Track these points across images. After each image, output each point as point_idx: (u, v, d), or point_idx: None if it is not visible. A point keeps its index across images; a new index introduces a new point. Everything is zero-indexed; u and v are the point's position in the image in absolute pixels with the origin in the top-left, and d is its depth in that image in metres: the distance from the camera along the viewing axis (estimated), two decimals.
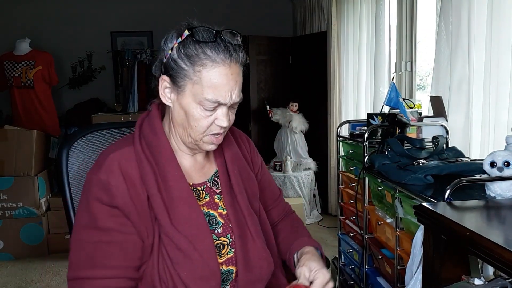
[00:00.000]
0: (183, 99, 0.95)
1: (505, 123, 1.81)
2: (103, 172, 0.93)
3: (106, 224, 0.91)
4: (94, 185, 0.93)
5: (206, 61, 0.92)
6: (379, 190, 1.90)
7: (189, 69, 0.93)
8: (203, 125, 0.96)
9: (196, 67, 0.92)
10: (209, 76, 0.92)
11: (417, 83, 2.90)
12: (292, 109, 4.05)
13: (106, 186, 0.92)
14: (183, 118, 0.97)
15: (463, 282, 0.97)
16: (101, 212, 0.92)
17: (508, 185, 1.20)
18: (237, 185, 1.06)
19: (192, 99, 0.94)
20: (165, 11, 5.18)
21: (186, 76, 0.93)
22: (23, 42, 4.03)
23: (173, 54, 0.94)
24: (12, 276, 3.07)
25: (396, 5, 2.87)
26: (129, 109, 4.85)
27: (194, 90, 0.93)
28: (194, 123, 0.96)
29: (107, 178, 0.92)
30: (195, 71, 0.92)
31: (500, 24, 1.81)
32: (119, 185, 0.92)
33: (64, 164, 1.12)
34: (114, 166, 0.94)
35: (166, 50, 0.96)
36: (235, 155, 1.10)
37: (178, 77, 0.94)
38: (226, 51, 0.93)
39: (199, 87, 0.92)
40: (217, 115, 0.96)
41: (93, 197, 0.93)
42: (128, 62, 4.97)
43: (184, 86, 0.94)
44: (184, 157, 1.04)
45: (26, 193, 3.32)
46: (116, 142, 1.04)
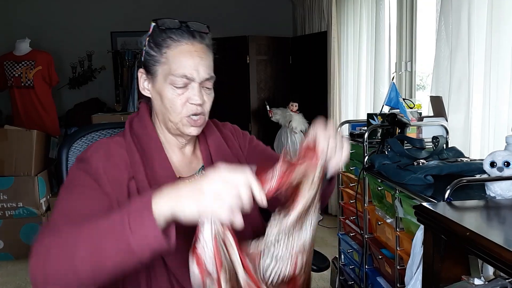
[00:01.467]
0: (156, 83, 1.01)
1: (505, 123, 1.81)
2: (89, 151, 0.97)
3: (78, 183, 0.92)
4: (77, 161, 0.97)
5: (170, 42, 0.98)
6: (379, 190, 1.90)
7: (157, 54, 0.99)
8: (177, 104, 0.99)
9: (163, 50, 0.98)
10: (173, 54, 0.98)
11: (417, 83, 2.90)
12: (292, 109, 4.05)
13: (86, 159, 0.95)
14: (160, 104, 1.01)
15: (463, 282, 0.97)
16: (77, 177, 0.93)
17: (508, 185, 1.20)
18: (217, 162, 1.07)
19: (163, 81, 0.99)
20: (165, 11, 5.18)
21: (156, 62, 0.99)
22: (23, 42, 4.04)
23: (146, 48, 1.01)
24: (12, 276, 3.07)
25: (396, 5, 2.87)
26: (129, 109, 4.85)
27: (164, 71, 0.99)
28: (169, 104, 0.99)
29: (90, 155, 0.95)
30: (162, 53, 0.99)
31: (500, 24, 1.81)
32: (99, 158, 0.94)
33: (64, 164, 1.13)
34: (100, 149, 0.97)
35: (140, 47, 1.03)
36: (219, 147, 1.12)
37: (150, 65, 1.00)
38: (190, 34, 0.99)
39: (167, 67, 0.98)
40: (189, 93, 0.99)
41: (71, 170, 0.96)
42: (128, 62, 4.97)
43: (156, 72, 1.00)
44: (173, 151, 1.06)
45: (26, 193, 3.32)
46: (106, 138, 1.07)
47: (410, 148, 1.90)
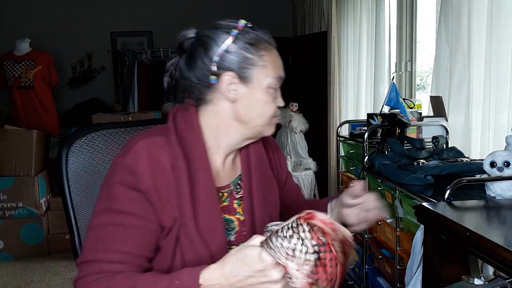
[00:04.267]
0: (252, 88, 0.95)
1: (505, 123, 1.81)
2: (130, 156, 0.90)
3: (125, 207, 0.88)
4: (119, 169, 0.90)
5: (265, 44, 0.96)
6: (379, 190, 1.90)
7: (254, 56, 0.94)
8: (272, 108, 0.97)
9: (261, 52, 0.95)
10: (271, 57, 0.96)
11: (417, 83, 2.90)
12: (292, 109, 4.05)
13: (132, 169, 0.89)
14: (251, 109, 0.96)
15: (463, 282, 0.97)
16: (122, 195, 0.88)
17: (508, 185, 1.20)
18: (258, 192, 1.03)
19: (261, 85, 0.95)
20: (165, 11, 5.19)
21: (253, 64, 0.94)
22: (23, 42, 4.03)
23: (230, 48, 0.93)
24: (12, 276, 3.07)
25: (396, 5, 2.87)
26: (129, 109, 4.85)
27: (262, 75, 0.95)
28: (262, 107, 0.96)
29: (133, 161, 0.89)
30: (261, 56, 0.94)
31: (500, 24, 1.81)
32: (146, 169, 0.89)
33: (63, 164, 1.12)
34: (143, 152, 0.91)
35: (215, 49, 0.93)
36: (260, 158, 1.08)
37: (244, 68, 0.94)
38: (267, 34, 0.98)
39: (266, 70, 0.95)
40: (277, 96, 0.99)
41: (116, 180, 0.89)
42: (128, 62, 4.97)
43: (252, 75, 0.94)
44: (218, 157, 1.01)
45: (26, 193, 3.32)
46: (145, 131, 1.01)
47: (410, 148, 1.90)
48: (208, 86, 0.95)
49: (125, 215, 0.88)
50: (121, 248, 0.86)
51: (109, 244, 0.87)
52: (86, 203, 1.14)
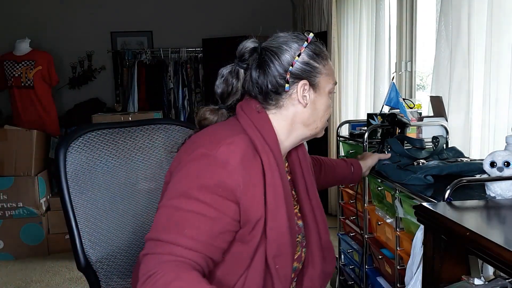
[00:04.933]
0: (319, 94, 1.06)
1: (505, 123, 1.81)
2: (222, 151, 0.92)
3: (205, 198, 0.89)
4: (210, 160, 0.91)
5: (325, 54, 1.08)
6: (379, 190, 1.90)
7: (320, 66, 1.05)
8: (330, 112, 1.10)
9: (324, 61, 1.06)
10: (330, 65, 1.08)
11: (417, 83, 2.90)
12: None
13: (224, 164, 0.90)
14: (316, 113, 1.06)
15: (463, 282, 0.97)
16: (206, 186, 0.89)
17: (508, 185, 1.20)
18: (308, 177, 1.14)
19: (325, 91, 1.07)
20: (165, 11, 5.19)
21: (320, 73, 1.05)
22: (23, 42, 4.03)
23: (302, 58, 1.03)
24: (12, 276, 3.07)
25: (396, 5, 2.87)
26: (129, 109, 4.85)
27: (326, 82, 1.06)
28: (324, 111, 1.08)
29: (227, 157, 0.91)
30: (325, 65, 1.06)
31: (500, 24, 1.81)
32: (237, 166, 0.91)
33: (61, 164, 1.11)
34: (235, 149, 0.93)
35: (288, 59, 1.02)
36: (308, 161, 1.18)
37: (313, 76, 1.04)
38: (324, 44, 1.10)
39: (329, 78, 1.07)
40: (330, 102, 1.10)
41: (205, 169, 0.91)
42: (128, 62, 4.97)
43: (319, 83, 1.05)
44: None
45: (26, 193, 3.32)
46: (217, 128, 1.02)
47: (410, 148, 1.90)
48: (281, 92, 1.03)
49: (204, 205, 0.89)
50: (194, 235, 0.87)
51: (183, 229, 0.87)
52: (86, 203, 1.14)
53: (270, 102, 1.04)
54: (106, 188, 1.20)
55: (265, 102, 1.04)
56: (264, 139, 0.99)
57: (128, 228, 1.24)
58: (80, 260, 1.12)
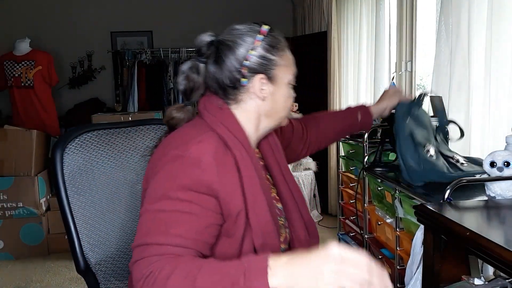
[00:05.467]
0: (278, 86, 1.05)
1: (505, 123, 1.81)
2: (194, 150, 0.93)
3: (185, 196, 0.90)
4: (185, 160, 0.92)
5: (282, 44, 1.05)
6: (379, 190, 1.90)
7: (276, 57, 1.03)
8: (289, 102, 1.09)
9: (280, 52, 1.04)
10: (288, 56, 1.06)
11: (417, 83, 2.90)
12: (292, 109, 4.04)
13: (198, 162, 0.91)
14: (276, 105, 1.06)
15: (463, 282, 0.97)
16: (183, 185, 0.90)
17: (508, 185, 1.20)
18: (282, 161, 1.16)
19: (284, 83, 1.06)
20: (165, 11, 5.19)
21: (276, 65, 1.03)
22: (23, 42, 4.03)
23: (257, 52, 1.01)
24: (12, 276, 3.07)
25: (396, 5, 2.87)
26: (129, 109, 4.85)
27: (284, 74, 1.05)
28: (285, 102, 1.07)
29: (199, 155, 0.92)
30: (282, 56, 1.04)
31: (500, 24, 1.81)
32: (211, 162, 0.92)
33: (58, 166, 1.10)
34: (205, 147, 0.94)
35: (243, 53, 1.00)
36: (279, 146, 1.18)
37: (270, 69, 1.03)
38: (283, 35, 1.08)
39: (287, 69, 1.06)
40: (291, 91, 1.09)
41: (180, 169, 0.91)
42: (128, 62, 4.97)
43: (277, 75, 1.04)
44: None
45: (26, 193, 3.32)
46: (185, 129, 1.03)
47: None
48: (239, 87, 1.02)
49: (185, 203, 0.89)
50: (180, 233, 0.87)
51: (168, 228, 0.87)
52: (84, 205, 1.14)
53: (229, 97, 1.03)
54: (103, 189, 1.19)
55: (225, 97, 1.04)
56: (233, 134, 1.00)
57: (126, 230, 1.23)
58: (79, 263, 1.11)
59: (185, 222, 0.89)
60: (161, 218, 0.89)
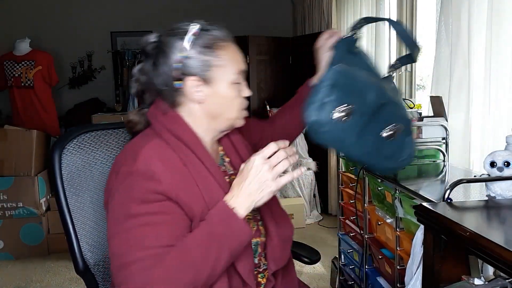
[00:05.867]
0: (216, 87, 1.00)
1: (505, 123, 1.81)
2: (141, 163, 0.93)
3: (151, 209, 0.91)
4: (134, 176, 0.92)
5: (221, 42, 1.01)
6: (379, 190, 1.90)
7: (211, 58, 0.99)
8: (239, 102, 1.04)
9: (217, 52, 0.99)
10: (228, 54, 1.01)
11: (417, 83, 2.90)
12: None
13: (149, 174, 0.91)
14: (219, 106, 1.02)
15: (463, 282, 0.97)
16: (143, 199, 0.91)
17: (508, 185, 1.20)
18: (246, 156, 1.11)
19: (224, 83, 1.01)
20: (165, 11, 5.18)
21: (211, 65, 0.99)
22: (23, 42, 4.04)
23: (189, 54, 0.98)
24: (12, 276, 3.07)
25: (396, 5, 2.87)
26: (129, 109, 4.85)
27: (223, 73, 1.00)
28: (230, 102, 1.02)
29: (147, 166, 0.92)
30: (218, 56, 0.99)
31: (500, 24, 1.81)
32: (161, 170, 0.92)
33: (57, 167, 1.10)
34: (152, 155, 0.94)
35: (175, 55, 0.98)
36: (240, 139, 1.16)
37: (204, 70, 0.99)
38: (226, 32, 1.04)
39: (225, 68, 1.00)
40: (242, 89, 1.05)
41: (136, 186, 0.92)
42: (128, 62, 4.97)
43: (213, 76, 1.00)
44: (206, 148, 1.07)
45: (26, 193, 3.32)
46: (138, 137, 1.02)
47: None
48: (176, 90, 1.00)
49: (151, 215, 0.90)
50: (155, 243, 0.89)
51: (142, 243, 0.89)
52: (82, 206, 1.14)
53: (169, 100, 1.01)
54: (102, 190, 1.18)
55: (168, 100, 1.01)
56: (179, 138, 0.99)
57: None
58: (78, 263, 1.12)
59: (157, 232, 0.90)
60: (131, 236, 0.89)
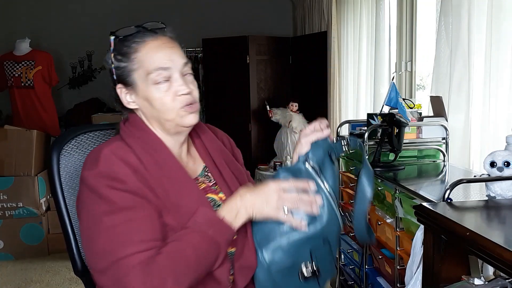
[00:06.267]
0: (139, 91, 1.00)
1: (505, 123, 1.81)
2: (102, 165, 0.93)
3: (127, 203, 0.90)
4: (99, 178, 0.92)
5: (136, 46, 0.99)
6: (379, 190, 1.90)
7: (128, 63, 0.99)
8: (167, 101, 0.98)
9: (131, 56, 0.99)
10: (142, 55, 0.98)
11: (417, 83, 2.90)
12: (292, 109, 4.05)
13: (113, 175, 0.91)
14: (151, 108, 1.00)
15: (463, 282, 0.97)
16: (118, 196, 0.91)
17: (508, 185, 1.20)
18: (229, 176, 1.10)
19: (145, 85, 0.98)
20: (165, 11, 5.18)
21: (130, 71, 0.99)
22: (23, 42, 4.03)
23: (114, 64, 1.01)
24: (12, 276, 3.07)
25: (396, 5, 2.87)
26: None
27: (142, 76, 0.98)
28: (160, 104, 0.98)
29: (109, 168, 0.92)
30: (132, 60, 0.99)
31: (500, 24, 1.81)
32: (124, 171, 0.92)
33: (55, 166, 1.10)
34: (112, 157, 0.94)
35: (108, 66, 1.03)
36: (219, 149, 1.13)
37: (125, 77, 1.00)
38: (151, 32, 1.00)
39: (142, 70, 0.98)
40: (174, 87, 0.99)
41: (103, 186, 0.91)
42: None
43: (134, 80, 0.99)
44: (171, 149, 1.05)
45: (26, 193, 3.32)
46: (100, 145, 1.03)
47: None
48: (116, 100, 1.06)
49: (131, 209, 0.90)
50: (142, 237, 0.89)
51: (134, 237, 0.88)
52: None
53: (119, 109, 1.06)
54: None
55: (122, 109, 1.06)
56: (140, 140, 1.00)
57: None
58: (76, 264, 1.12)
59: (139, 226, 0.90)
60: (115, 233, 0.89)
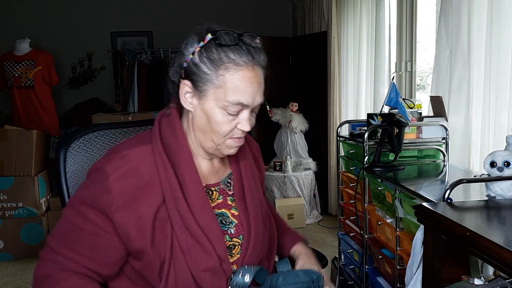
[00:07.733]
0: (205, 104, 0.93)
1: (505, 123, 1.81)
2: (110, 167, 0.92)
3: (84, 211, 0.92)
4: (96, 174, 0.93)
5: (229, 64, 0.91)
6: (379, 190, 1.90)
7: (211, 74, 0.91)
8: (225, 130, 0.95)
9: (220, 71, 0.91)
10: (232, 79, 0.91)
11: (417, 83, 2.90)
12: (292, 109, 4.05)
13: (107, 187, 0.90)
14: (205, 123, 0.95)
15: (463, 282, 0.97)
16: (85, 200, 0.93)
17: (508, 185, 1.20)
18: (249, 191, 1.06)
19: (214, 104, 0.93)
20: (165, 11, 5.19)
21: (209, 81, 0.92)
22: (23, 42, 4.03)
23: (194, 59, 0.93)
24: (12, 276, 3.07)
25: (396, 5, 2.87)
26: (129, 109, 4.85)
27: (217, 95, 0.92)
28: (217, 127, 0.94)
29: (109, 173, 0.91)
30: (218, 75, 0.91)
31: (500, 24, 1.81)
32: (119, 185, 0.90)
33: (62, 165, 1.11)
34: (121, 168, 0.92)
35: (187, 54, 0.94)
36: (249, 167, 1.10)
37: (200, 81, 0.93)
38: (249, 54, 0.92)
39: (222, 91, 0.91)
40: (239, 119, 0.95)
41: (94, 189, 0.92)
42: (128, 62, 4.97)
43: (207, 91, 0.93)
44: (200, 158, 1.03)
45: (26, 193, 3.32)
46: (131, 138, 1.02)
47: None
48: (174, 87, 0.98)
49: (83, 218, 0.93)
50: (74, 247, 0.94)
51: (65, 239, 0.95)
52: None
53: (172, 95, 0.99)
54: None
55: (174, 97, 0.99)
56: (166, 148, 0.95)
57: None
58: None
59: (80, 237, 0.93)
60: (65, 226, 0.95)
